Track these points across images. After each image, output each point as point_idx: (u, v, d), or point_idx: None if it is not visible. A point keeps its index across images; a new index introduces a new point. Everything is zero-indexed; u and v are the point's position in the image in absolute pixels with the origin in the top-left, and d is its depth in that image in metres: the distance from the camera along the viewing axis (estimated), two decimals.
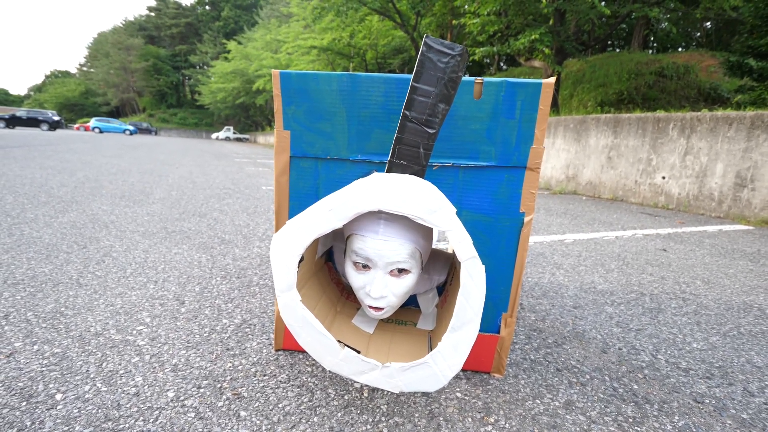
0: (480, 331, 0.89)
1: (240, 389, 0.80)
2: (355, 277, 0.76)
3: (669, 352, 1.07)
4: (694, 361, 1.03)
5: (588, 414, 0.79)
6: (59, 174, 3.77)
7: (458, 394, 0.83)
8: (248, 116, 37.76)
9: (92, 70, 50.73)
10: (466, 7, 8.89)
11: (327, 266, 1.01)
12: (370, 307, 0.75)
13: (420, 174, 0.69)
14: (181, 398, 0.76)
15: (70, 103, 51.32)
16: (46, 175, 3.64)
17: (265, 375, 0.85)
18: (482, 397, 0.83)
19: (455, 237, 0.63)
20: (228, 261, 1.58)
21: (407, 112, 0.67)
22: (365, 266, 0.75)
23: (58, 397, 0.73)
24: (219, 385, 0.81)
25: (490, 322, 0.90)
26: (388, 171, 0.70)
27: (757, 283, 1.73)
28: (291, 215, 0.90)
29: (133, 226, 2.03)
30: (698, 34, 17.26)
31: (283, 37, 21.50)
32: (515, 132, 0.81)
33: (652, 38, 15.77)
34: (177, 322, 1.06)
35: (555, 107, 6.63)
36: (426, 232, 0.78)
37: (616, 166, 4.71)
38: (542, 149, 0.81)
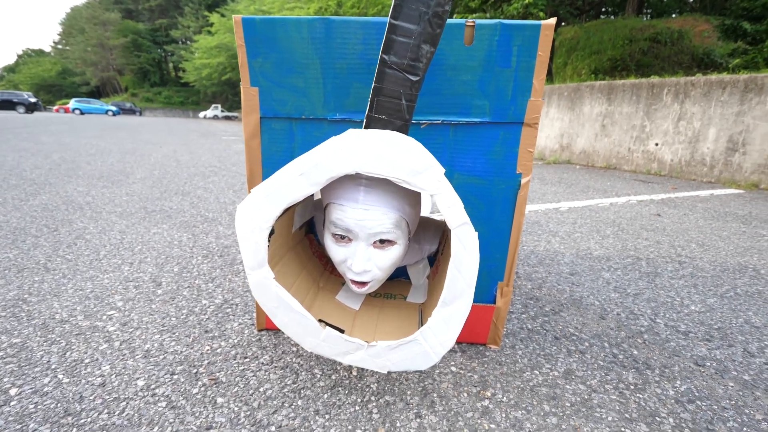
0: (475, 301, 0.84)
1: (218, 374, 0.74)
2: (335, 250, 0.69)
3: (668, 315, 1.04)
4: (693, 323, 1.00)
5: (588, 383, 0.75)
6: (33, 156, 3.60)
7: (453, 369, 0.79)
8: (236, 93, 36.57)
9: (68, 48, 48.05)
10: None
11: (308, 238, 0.94)
12: (353, 281, 0.69)
13: (403, 130, 0.61)
14: (152, 387, 0.70)
15: (46, 83, 48.91)
16: (18, 157, 3.47)
17: (246, 357, 0.80)
18: (478, 370, 0.78)
19: (445, 201, 0.56)
20: (211, 239, 1.51)
21: (386, 57, 0.58)
22: (346, 238, 0.67)
23: (13, 392, 0.67)
24: (195, 371, 0.75)
25: (485, 292, 0.84)
26: (366, 127, 0.62)
27: (750, 245, 1.71)
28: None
29: (110, 206, 1.92)
30: None
31: (269, 7, 20.56)
32: (511, 83, 0.72)
33: (647, 4, 15.42)
34: (152, 305, 0.99)
35: (549, 75, 6.48)
36: (413, 198, 0.71)
37: (610, 134, 4.65)
38: (541, 102, 0.73)
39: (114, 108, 27.82)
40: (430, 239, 0.91)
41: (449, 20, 0.68)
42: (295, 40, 0.72)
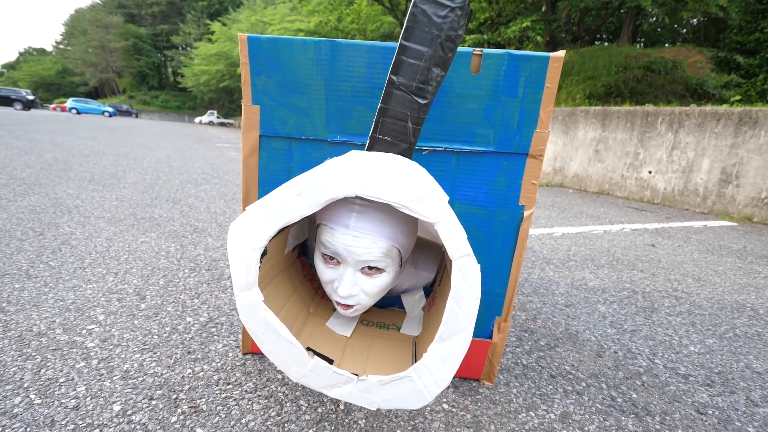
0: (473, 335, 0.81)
1: (199, 401, 0.70)
2: (323, 271, 0.67)
3: (666, 356, 1.01)
4: (693, 366, 0.98)
5: (586, 428, 0.72)
6: (26, 155, 3.54)
7: (445, 406, 0.75)
8: (232, 100, 36.85)
9: (69, 48, 48.22)
10: None
11: (300, 260, 0.91)
12: (338, 303, 0.67)
13: (407, 153, 0.59)
14: (128, 412, 0.65)
15: (45, 82, 48.93)
16: (11, 155, 3.41)
17: (228, 384, 0.76)
18: (471, 409, 0.75)
19: (447, 230, 0.54)
20: (199, 251, 1.47)
21: (394, 77, 0.56)
22: (335, 260, 0.65)
23: None
24: (175, 396, 0.71)
25: (482, 327, 0.81)
26: (370, 148, 0.60)
27: (746, 281, 1.71)
28: None
29: (99, 211, 1.88)
30: (685, 30, 17.43)
31: (269, 18, 20.82)
32: (517, 113, 0.71)
33: (641, 33, 15.86)
34: (135, 320, 0.95)
35: None
36: (407, 227, 0.68)
37: (603, 159, 4.70)
38: (547, 134, 0.72)
39: (110, 109, 27.79)
40: (428, 266, 0.88)
41: (458, 49, 0.68)
42: (299, 60, 0.71)
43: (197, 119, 34.37)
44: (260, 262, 0.59)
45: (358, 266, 0.64)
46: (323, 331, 0.78)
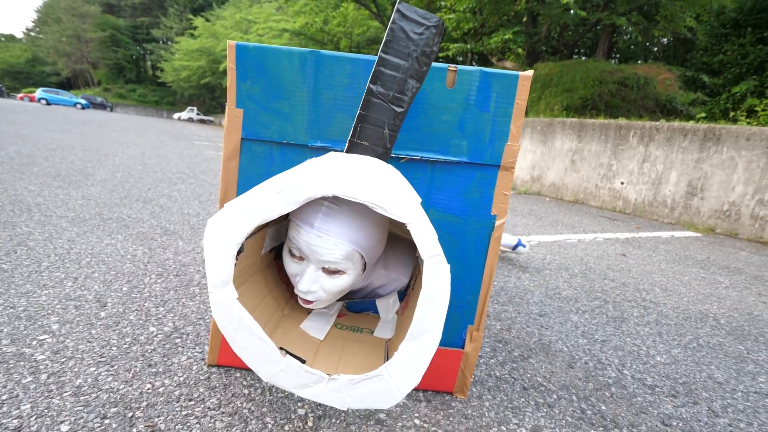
0: (442, 344, 0.80)
1: (156, 419, 0.66)
2: (288, 264, 0.70)
3: (634, 366, 1.03)
4: (659, 376, 1.00)
5: None
6: None
7: (416, 421, 0.74)
8: (213, 97, 36.18)
9: (41, 36, 46.16)
10: (443, 2, 8.81)
11: (276, 263, 0.88)
12: (299, 297, 0.68)
13: (383, 157, 0.59)
14: None
15: (14, 70, 46.57)
16: None
17: (191, 400, 0.72)
18: (443, 424, 0.74)
19: (419, 231, 0.54)
20: (168, 255, 1.41)
21: (373, 87, 0.56)
22: (299, 256, 0.67)
23: None
24: (131, 414, 0.67)
25: (454, 335, 0.81)
26: (348, 151, 0.59)
27: (709, 291, 1.77)
28: None
29: (62, 210, 1.78)
30: (656, 48, 18.23)
31: (254, 17, 20.56)
32: (489, 126, 0.72)
33: (615, 49, 16.51)
34: (92, 329, 0.89)
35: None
36: (373, 232, 0.68)
37: (579, 169, 4.83)
38: (517, 147, 0.73)
39: (83, 101, 26.77)
40: (399, 268, 0.87)
41: (434, 64, 0.68)
42: (285, 68, 0.70)
43: (176, 115, 33.60)
44: (236, 259, 0.57)
45: (320, 265, 0.66)
46: (297, 333, 0.76)
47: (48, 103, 25.40)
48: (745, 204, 3.49)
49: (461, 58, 7.68)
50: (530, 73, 0.70)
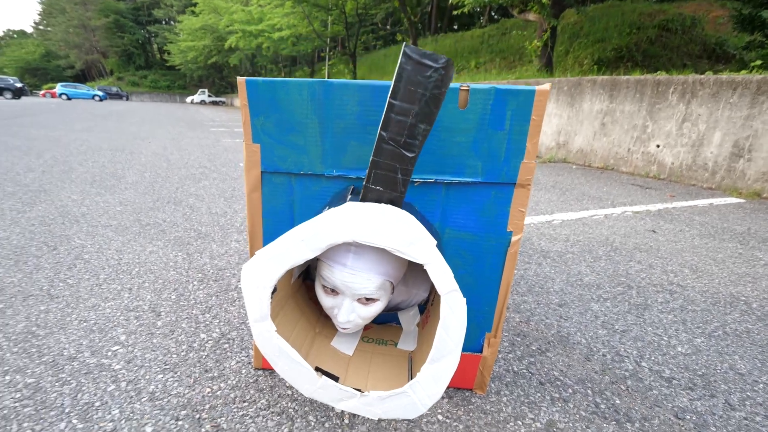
0: (463, 350, 0.87)
1: (219, 419, 0.78)
2: (324, 299, 0.76)
3: (653, 358, 1.07)
4: (678, 368, 1.03)
5: None
6: (26, 156, 3.60)
7: (439, 417, 0.83)
8: (222, 77, 36.42)
9: (49, 29, 47.41)
10: None
11: (305, 285, 0.97)
12: (338, 326, 0.75)
13: (398, 201, 0.64)
14: None
15: (31, 67, 48.46)
16: (12, 158, 3.48)
17: (244, 401, 0.83)
18: (464, 419, 0.82)
19: (435, 270, 0.60)
20: (205, 260, 1.54)
21: (383, 133, 0.60)
22: (334, 291, 0.73)
23: None
24: (198, 416, 0.79)
25: (473, 342, 0.87)
26: (363, 197, 0.64)
27: (745, 271, 1.73)
28: (265, 233, 0.85)
29: (105, 219, 1.95)
30: None
31: None
32: (504, 145, 0.74)
33: None
34: (153, 339, 1.03)
35: (549, 67, 6.35)
36: (398, 261, 0.74)
37: (609, 133, 4.61)
38: (534, 164, 0.75)
39: (100, 93, 27.83)
40: (417, 284, 0.94)
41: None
42: (295, 100, 0.74)
43: (188, 99, 34.33)
44: (271, 297, 0.65)
45: (355, 297, 0.71)
46: (329, 350, 0.85)
47: (68, 98, 26.56)
48: None
49: (479, 9, 7.22)
50: (547, 86, 0.71)
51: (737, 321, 1.29)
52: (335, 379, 0.74)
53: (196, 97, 33.53)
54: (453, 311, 0.60)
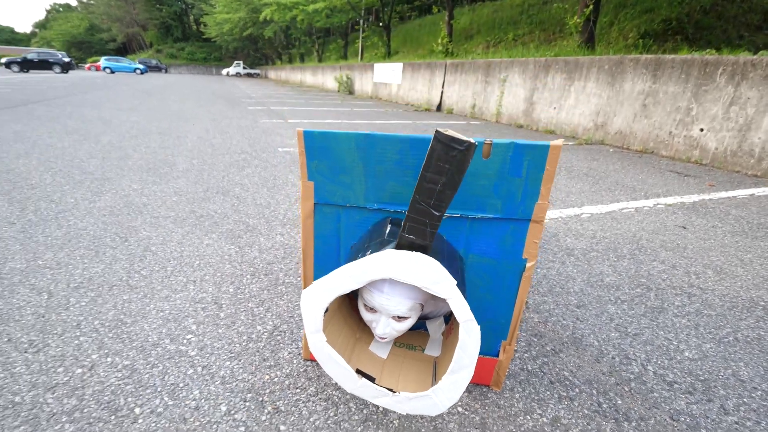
0: (482, 354, 1.00)
1: (278, 402, 0.97)
2: (365, 314, 0.90)
3: (659, 362, 1.17)
4: (682, 372, 1.13)
5: (570, 431, 0.92)
6: (85, 141, 3.92)
7: (459, 409, 0.98)
8: (257, 49, 36.63)
9: (92, 2, 49.05)
10: None
11: (348, 297, 1.12)
12: (376, 335, 0.90)
13: (427, 248, 0.76)
14: (232, 412, 0.93)
15: (76, 40, 50.93)
16: (74, 142, 3.80)
17: (297, 388, 1.02)
18: (480, 412, 0.97)
19: (455, 304, 0.72)
20: (255, 254, 1.72)
21: (417, 196, 0.72)
22: (373, 309, 0.86)
23: (137, 411, 0.92)
24: (260, 399, 0.98)
25: (491, 348, 1.01)
26: (399, 245, 0.77)
27: None
28: (316, 252, 1.00)
29: (164, 210, 2.17)
30: None
31: None
32: (521, 189, 0.84)
33: None
34: (218, 329, 1.22)
35: (591, 42, 6.01)
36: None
37: (650, 114, 4.42)
38: (547, 204, 0.85)
39: (141, 66, 28.99)
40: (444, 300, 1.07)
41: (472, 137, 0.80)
42: (344, 148, 0.87)
43: (224, 71, 35.03)
44: (323, 316, 0.81)
45: (390, 315, 0.85)
46: (367, 354, 1.01)
47: (112, 71, 27.74)
48: None
49: None
50: (560, 142, 0.80)
51: (750, 327, 1.35)
52: (372, 379, 0.89)
53: (231, 70, 34.19)
54: (469, 336, 0.72)
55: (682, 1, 5.76)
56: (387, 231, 0.87)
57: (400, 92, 10.57)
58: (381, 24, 16.04)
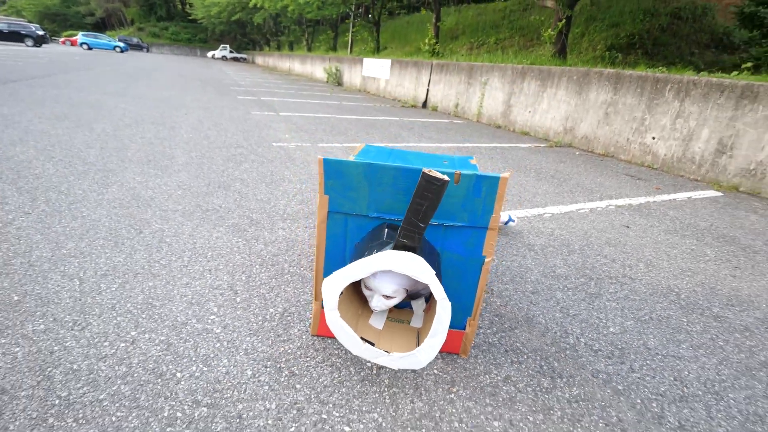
0: (453, 327, 1.29)
1: (293, 368, 1.22)
2: (365, 291, 1.18)
3: (590, 335, 1.49)
4: (605, 343, 1.46)
5: (517, 386, 1.22)
6: (78, 129, 3.96)
7: (435, 371, 1.26)
8: (245, 34, 35.67)
9: None
10: None
11: (354, 284, 1.38)
12: (371, 306, 1.17)
13: (415, 249, 1.04)
14: (257, 375, 1.18)
15: (50, 12, 47.48)
16: (66, 130, 3.84)
17: (307, 357, 1.27)
18: (450, 373, 1.26)
19: (433, 287, 1.00)
20: (261, 246, 1.95)
21: (409, 213, 1.00)
22: (369, 288, 1.14)
23: (179, 375, 1.16)
24: (279, 365, 1.23)
25: (459, 322, 1.29)
26: (396, 246, 1.04)
27: (688, 266, 2.13)
28: (327, 250, 1.26)
29: (172, 203, 2.36)
30: None
31: None
32: (481, 206, 1.13)
33: None
34: (237, 311, 1.46)
35: (563, 54, 6.44)
36: (408, 279, 1.15)
37: (611, 122, 4.85)
38: (499, 216, 1.14)
39: (121, 44, 27.56)
40: (425, 285, 1.35)
41: (447, 169, 1.08)
42: (353, 173, 1.13)
43: (210, 53, 34.02)
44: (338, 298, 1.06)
45: (381, 293, 1.13)
46: (367, 326, 1.28)
47: (89, 48, 26.34)
48: None
49: None
50: (508, 174, 1.09)
51: (663, 309, 1.70)
52: (372, 344, 1.16)
53: (218, 53, 33.26)
54: (443, 310, 1.00)
55: (643, 19, 6.25)
56: (385, 234, 1.13)
57: (388, 87, 10.76)
58: (371, 20, 16.13)
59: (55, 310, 1.38)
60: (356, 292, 1.38)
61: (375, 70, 11.54)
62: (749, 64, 4.79)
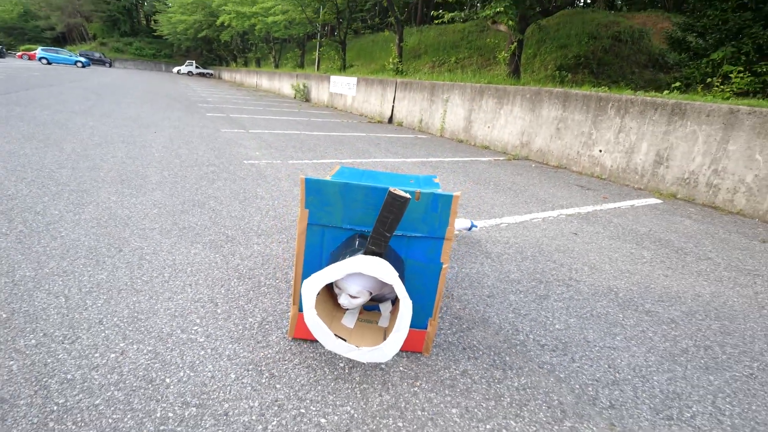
0: (415, 327, 1.46)
1: (272, 370, 1.35)
2: (335, 290, 1.33)
3: (538, 332, 1.70)
4: (551, 338, 1.67)
5: (473, 378, 1.40)
6: (47, 148, 3.90)
7: (401, 368, 1.42)
8: (211, 50, 35.35)
9: None
10: None
11: (328, 287, 1.53)
12: (341, 304, 1.32)
13: (382, 255, 1.20)
14: (240, 378, 1.30)
15: (7, 26, 45.22)
16: (35, 150, 3.78)
17: (285, 360, 1.40)
18: (414, 369, 1.42)
19: (397, 288, 1.17)
20: (237, 261, 2.06)
21: (378, 225, 1.16)
22: (340, 290, 1.30)
23: (168, 380, 1.26)
24: (260, 368, 1.35)
25: (421, 322, 1.46)
26: (366, 251, 1.20)
27: (627, 268, 2.41)
28: (306, 257, 1.40)
29: (148, 222, 2.41)
30: None
31: None
32: (438, 219, 1.31)
33: None
34: (218, 321, 1.57)
35: (516, 74, 6.93)
36: (374, 282, 1.31)
37: (563, 136, 5.26)
38: (453, 228, 1.32)
39: (83, 59, 26.64)
40: (391, 289, 1.51)
41: (410, 188, 1.25)
42: (330, 191, 1.29)
43: (175, 69, 33.45)
44: (315, 298, 1.21)
45: (348, 293, 1.29)
46: (340, 325, 1.43)
47: (49, 62, 25.26)
48: (702, 173, 4.00)
49: (459, 19, 7.67)
50: (459, 193, 1.28)
51: (603, 306, 1.95)
52: (344, 340, 1.31)
53: (183, 68, 32.77)
54: (406, 308, 1.17)
55: (588, 41, 6.86)
56: (357, 243, 1.29)
57: (354, 104, 11.00)
58: (337, 38, 16.47)
59: (45, 325, 1.44)
60: (331, 296, 1.53)
61: (342, 87, 11.79)
62: (678, 84, 5.36)
